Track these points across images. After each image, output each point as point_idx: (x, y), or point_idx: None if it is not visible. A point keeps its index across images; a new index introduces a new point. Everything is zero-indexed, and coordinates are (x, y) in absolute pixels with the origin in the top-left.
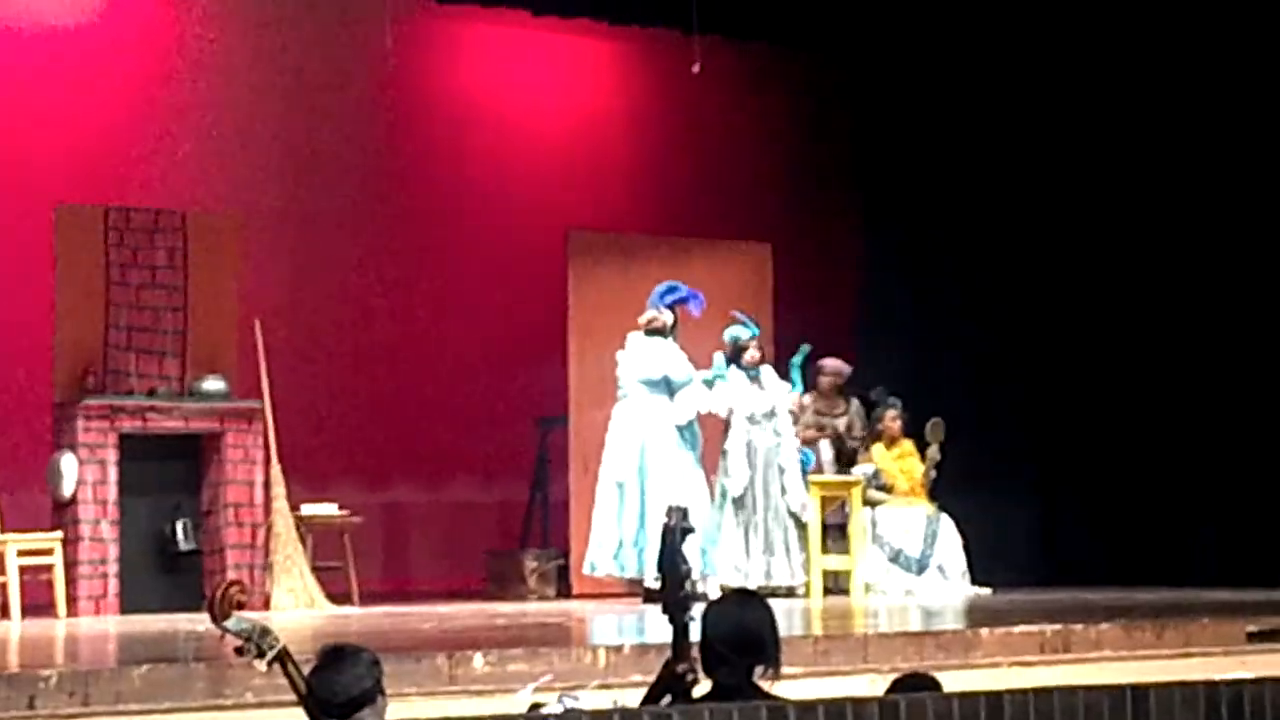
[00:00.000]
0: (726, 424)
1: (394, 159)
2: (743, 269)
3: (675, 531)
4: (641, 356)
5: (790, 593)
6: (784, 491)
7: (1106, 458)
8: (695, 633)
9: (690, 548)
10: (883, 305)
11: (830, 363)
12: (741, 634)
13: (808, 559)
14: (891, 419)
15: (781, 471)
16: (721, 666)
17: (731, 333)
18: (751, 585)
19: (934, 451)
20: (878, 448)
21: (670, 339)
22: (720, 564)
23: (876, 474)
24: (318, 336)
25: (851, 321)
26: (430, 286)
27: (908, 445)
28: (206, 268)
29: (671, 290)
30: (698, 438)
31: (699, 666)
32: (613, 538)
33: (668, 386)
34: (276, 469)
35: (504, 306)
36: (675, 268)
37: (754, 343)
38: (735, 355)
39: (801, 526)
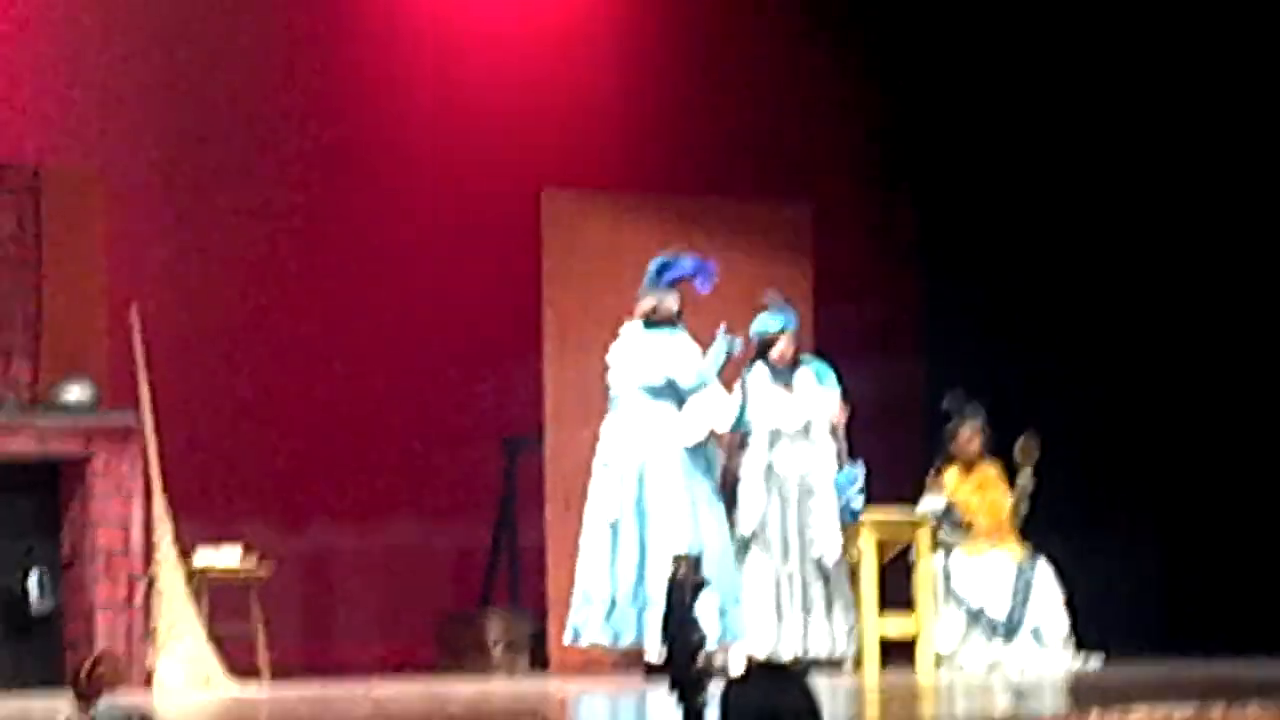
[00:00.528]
0: (742, 441)
1: (312, 99)
2: (772, 238)
3: (685, 586)
4: (640, 354)
5: (835, 665)
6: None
7: (1249, 488)
8: None
9: (705, 607)
10: (952, 286)
11: None
12: None
13: (859, 621)
14: (969, 436)
15: (808, 497)
16: None
17: (758, 324)
18: (785, 656)
19: (1025, 479)
20: (951, 473)
21: (679, 331)
22: (744, 628)
23: (950, 509)
24: (214, 329)
25: (914, 305)
26: (362, 266)
27: (990, 471)
28: (67, 239)
29: (669, 266)
30: (714, 462)
31: None
32: (603, 595)
33: (674, 393)
34: (161, 504)
35: (459, 292)
36: (683, 237)
37: (786, 336)
38: (762, 351)
39: (849, 578)
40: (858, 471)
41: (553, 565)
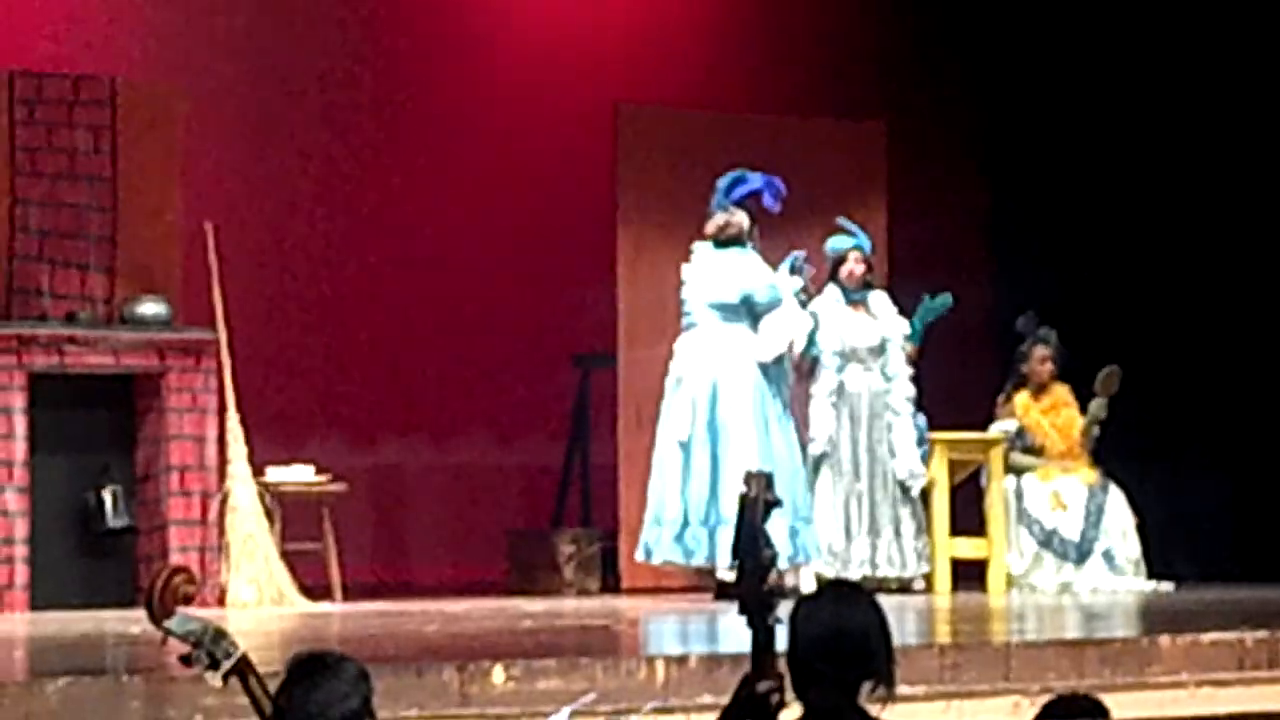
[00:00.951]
0: (812, 365)
1: (388, 14)
2: (846, 157)
3: (757, 505)
4: (713, 273)
5: (904, 587)
6: (892, 454)
7: None
8: (782, 640)
9: (776, 527)
10: (1026, 207)
11: None
12: (842, 641)
13: (931, 543)
14: (1041, 359)
15: (890, 428)
16: (816, 684)
17: (830, 244)
18: (853, 576)
19: (1098, 408)
20: (1021, 397)
21: (749, 248)
22: (815, 548)
23: (1021, 432)
24: (288, 246)
25: (987, 226)
26: (434, 182)
27: (1061, 393)
28: (143, 154)
29: (738, 182)
30: (787, 380)
31: (787, 684)
32: (675, 515)
33: (749, 312)
34: (235, 421)
35: (531, 208)
36: (757, 154)
37: (855, 255)
38: (834, 271)
39: (920, 499)
40: (923, 424)
41: (625, 483)
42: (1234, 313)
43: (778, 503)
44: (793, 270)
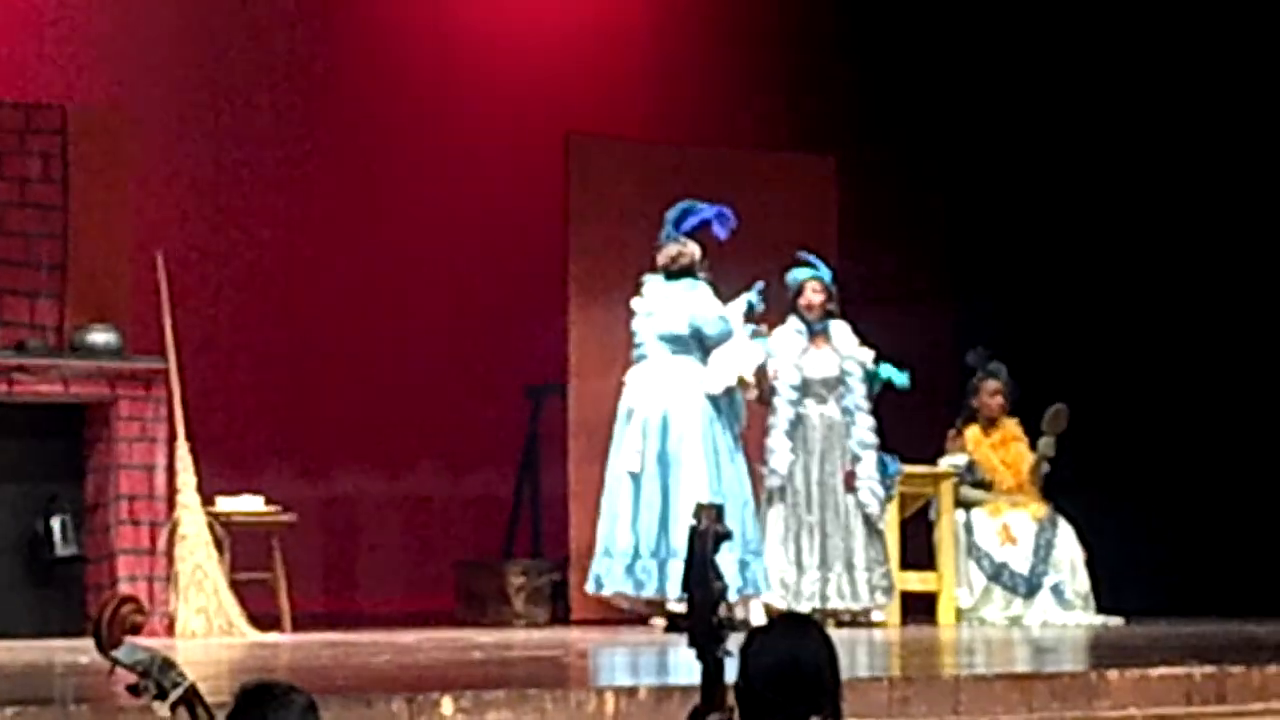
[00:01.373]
0: (770, 392)
1: (341, 45)
2: (797, 190)
3: (707, 537)
4: (663, 304)
5: (855, 620)
6: (852, 487)
7: (1268, 453)
8: (732, 672)
9: (726, 559)
10: (979, 241)
11: None
12: (792, 673)
13: (887, 575)
14: (991, 393)
15: (855, 459)
16: (766, 717)
17: (790, 275)
18: (804, 608)
19: (1047, 446)
20: (972, 431)
21: (700, 280)
22: (765, 580)
23: (971, 466)
24: (239, 276)
25: (939, 262)
26: (387, 213)
27: (1012, 428)
28: (94, 182)
29: (688, 213)
30: (738, 412)
31: (736, 717)
32: (625, 546)
33: (699, 344)
34: (184, 450)
35: (483, 239)
36: (709, 186)
37: (813, 284)
38: (794, 301)
39: (876, 533)
40: (899, 465)
41: (575, 515)
42: (1182, 352)
43: (728, 535)
44: (751, 305)
